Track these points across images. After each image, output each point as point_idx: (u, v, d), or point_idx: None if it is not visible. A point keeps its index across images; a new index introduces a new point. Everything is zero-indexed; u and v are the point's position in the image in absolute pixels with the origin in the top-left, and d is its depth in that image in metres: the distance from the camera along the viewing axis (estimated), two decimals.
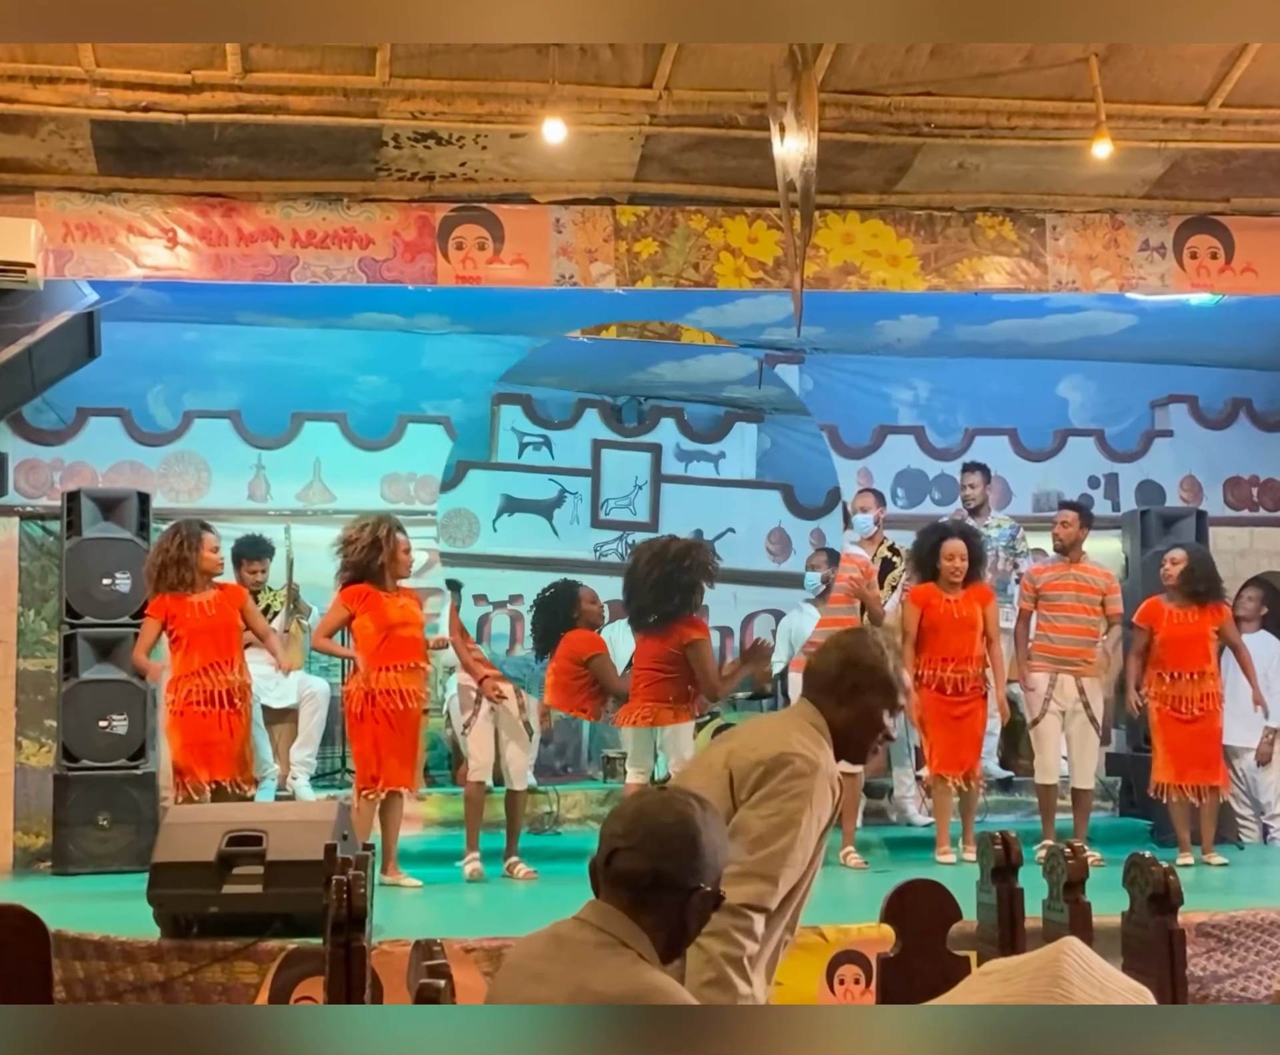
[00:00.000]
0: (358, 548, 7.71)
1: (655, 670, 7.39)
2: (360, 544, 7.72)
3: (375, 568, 7.69)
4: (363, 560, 7.70)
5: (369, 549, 7.71)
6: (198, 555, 7.82)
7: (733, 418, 11.18)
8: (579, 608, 8.38)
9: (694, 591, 7.44)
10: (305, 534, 9.78)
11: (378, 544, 7.72)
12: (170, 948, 5.94)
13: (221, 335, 10.56)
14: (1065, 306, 10.09)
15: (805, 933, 6.09)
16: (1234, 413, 11.38)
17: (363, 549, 7.70)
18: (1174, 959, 4.04)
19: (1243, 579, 10.06)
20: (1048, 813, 8.39)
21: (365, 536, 7.74)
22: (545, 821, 9.06)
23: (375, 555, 7.71)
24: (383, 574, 7.72)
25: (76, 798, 8.69)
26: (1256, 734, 9.30)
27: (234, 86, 7.68)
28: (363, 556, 7.71)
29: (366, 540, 7.73)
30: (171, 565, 7.77)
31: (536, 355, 10.15)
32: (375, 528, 7.79)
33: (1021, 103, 8.11)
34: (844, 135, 8.20)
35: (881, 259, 8.93)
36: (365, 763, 7.61)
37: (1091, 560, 8.81)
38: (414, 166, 8.42)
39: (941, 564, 8.45)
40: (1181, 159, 8.61)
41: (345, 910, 3.71)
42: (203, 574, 7.85)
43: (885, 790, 9.40)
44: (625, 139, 8.23)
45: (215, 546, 7.99)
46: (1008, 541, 9.80)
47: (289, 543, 9.61)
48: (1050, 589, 8.58)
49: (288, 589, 9.54)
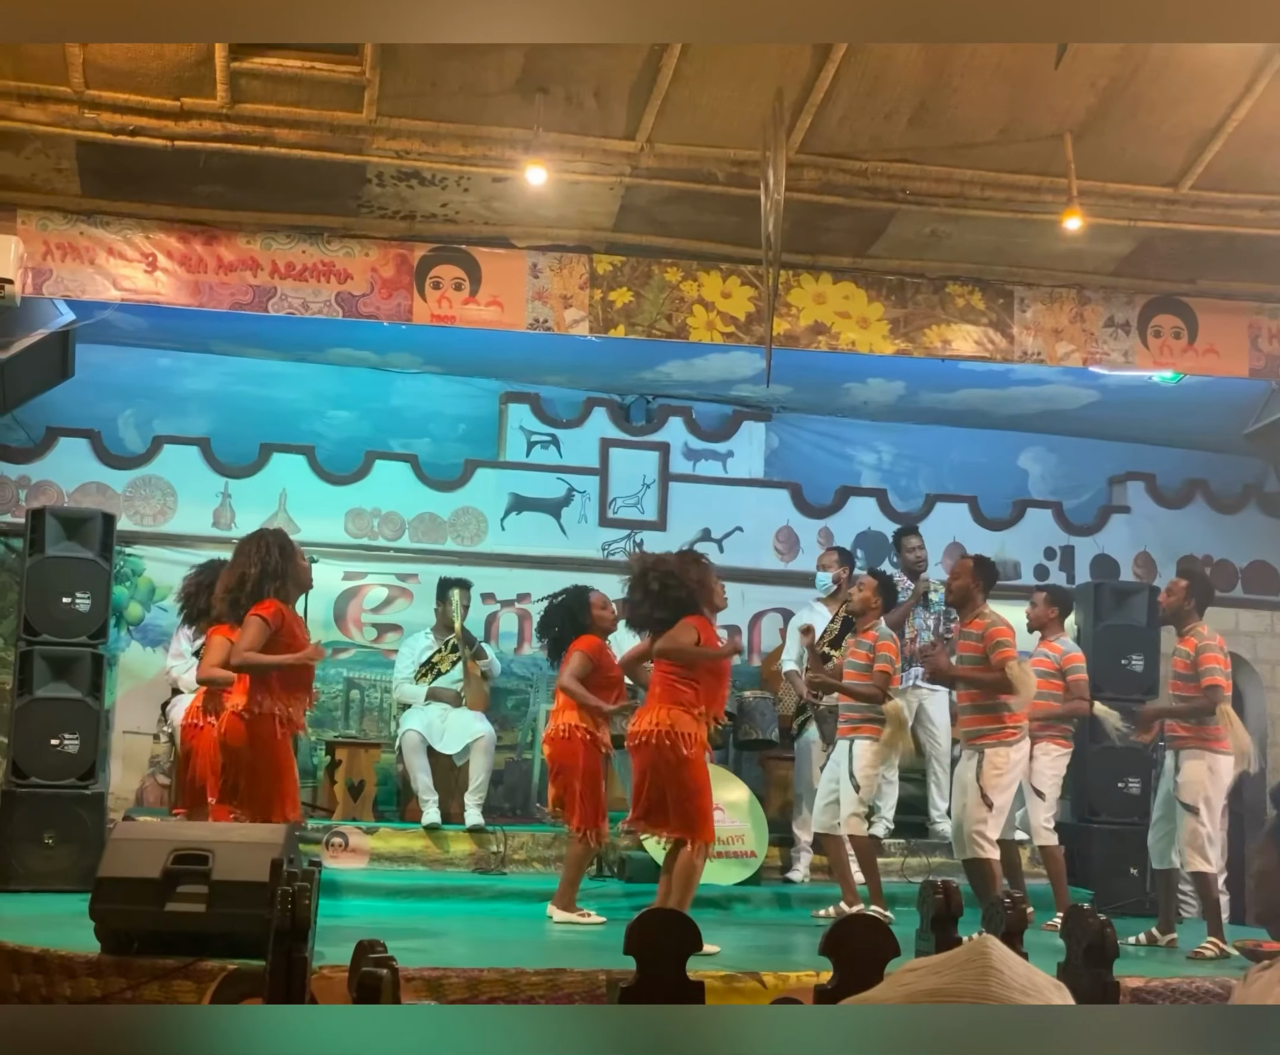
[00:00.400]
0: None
1: (666, 673, 7.42)
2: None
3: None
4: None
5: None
6: (295, 567, 7.29)
7: (741, 416, 11.30)
8: (590, 613, 8.33)
9: (699, 596, 7.54)
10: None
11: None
12: (109, 964, 5.91)
13: (194, 363, 10.62)
14: (1029, 378, 10.25)
15: (744, 978, 6.15)
16: (1191, 493, 11.57)
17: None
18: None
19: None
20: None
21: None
22: (492, 862, 9.06)
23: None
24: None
25: (23, 815, 8.65)
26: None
27: (221, 115, 7.74)
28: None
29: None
30: (272, 576, 7.13)
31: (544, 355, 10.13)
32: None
33: (996, 174, 8.25)
34: (820, 197, 8.33)
35: (852, 321, 9.05)
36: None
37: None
38: (395, 204, 8.50)
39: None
40: (1150, 238, 8.77)
41: (289, 921, 3.74)
42: (297, 588, 7.35)
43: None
44: (605, 188, 8.33)
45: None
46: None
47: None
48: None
49: (461, 634, 9.58)
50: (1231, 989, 3.92)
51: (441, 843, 9.08)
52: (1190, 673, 7.97)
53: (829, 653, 9.44)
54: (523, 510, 10.81)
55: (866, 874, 8.28)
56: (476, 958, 6.48)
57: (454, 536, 10.65)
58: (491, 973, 6.04)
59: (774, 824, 9.38)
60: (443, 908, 8.34)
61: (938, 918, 4.68)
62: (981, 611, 8.06)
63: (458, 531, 10.67)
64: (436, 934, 7.38)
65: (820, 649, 9.51)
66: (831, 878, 9.05)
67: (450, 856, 9.07)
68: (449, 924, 7.80)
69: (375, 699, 10.33)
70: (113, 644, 9.61)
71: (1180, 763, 7.96)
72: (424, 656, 9.64)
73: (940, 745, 9.75)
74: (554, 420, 11.00)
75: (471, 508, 10.71)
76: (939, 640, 9.50)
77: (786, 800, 9.73)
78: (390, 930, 6.90)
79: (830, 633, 9.57)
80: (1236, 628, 11.14)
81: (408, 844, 9.04)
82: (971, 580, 8.10)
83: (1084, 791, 9.83)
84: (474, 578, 9.99)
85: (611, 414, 11.10)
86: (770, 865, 9.33)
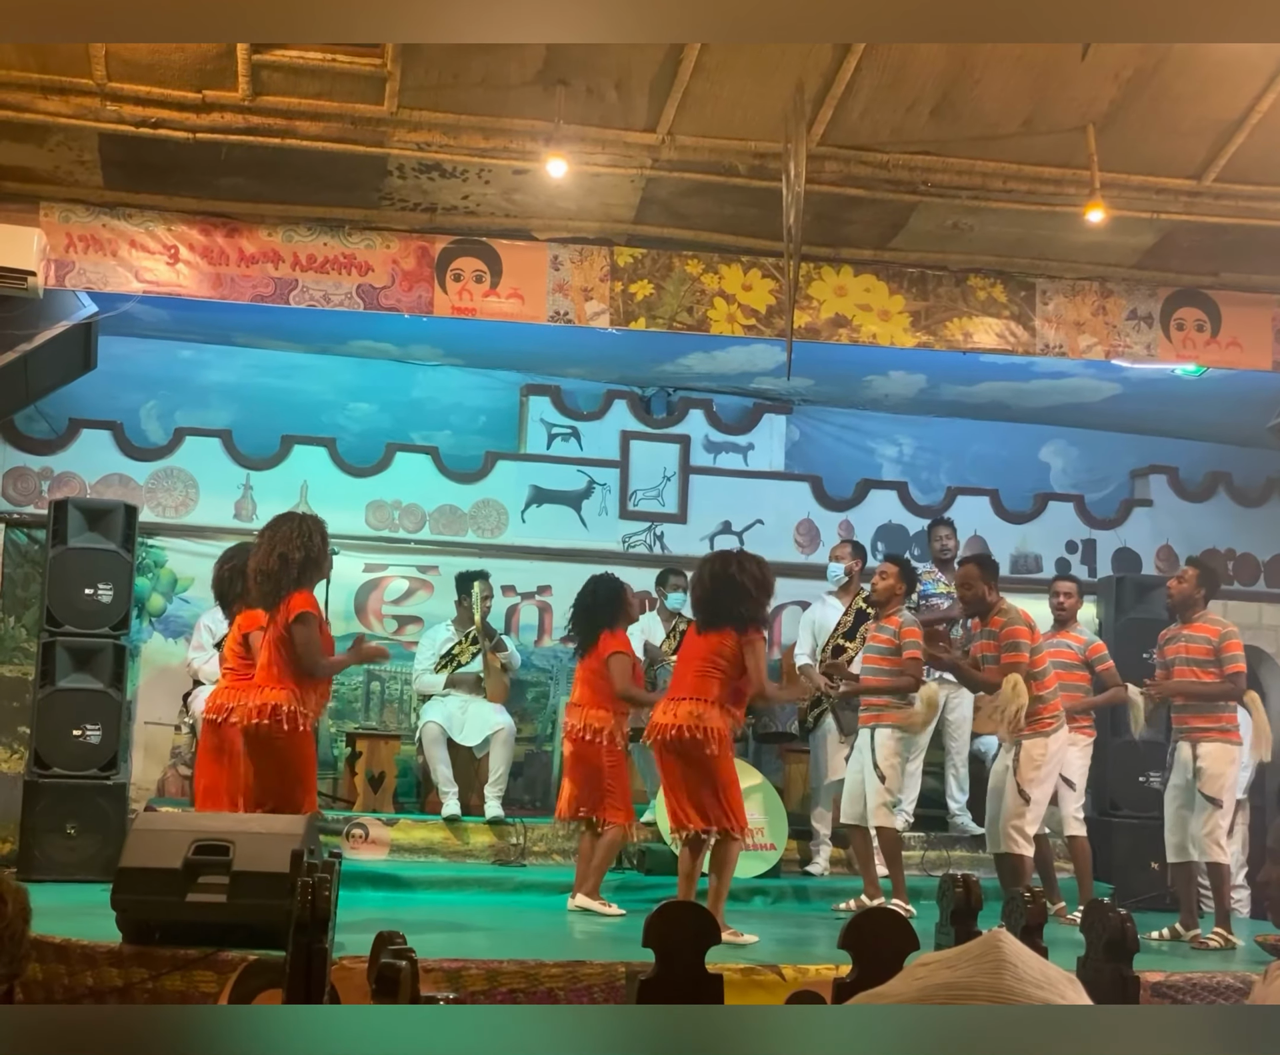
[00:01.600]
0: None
1: (708, 664, 7.39)
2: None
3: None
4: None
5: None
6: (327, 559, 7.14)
7: (761, 409, 11.28)
8: (626, 607, 8.33)
9: (765, 603, 7.54)
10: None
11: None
12: (131, 954, 5.93)
13: (216, 355, 10.65)
14: (1051, 372, 10.21)
15: (763, 971, 6.15)
16: (1213, 486, 11.52)
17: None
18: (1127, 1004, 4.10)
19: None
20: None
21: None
22: (512, 853, 9.08)
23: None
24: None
25: (45, 805, 8.69)
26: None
27: (243, 108, 7.76)
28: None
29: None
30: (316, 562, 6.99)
31: (564, 347, 10.11)
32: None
33: (1018, 166, 8.23)
34: (842, 189, 8.32)
35: (873, 313, 9.04)
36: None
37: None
38: (416, 197, 8.51)
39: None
40: (1173, 231, 8.74)
41: (309, 912, 3.75)
42: (320, 576, 7.13)
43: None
44: (626, 181, 8.33)
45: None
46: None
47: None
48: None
49: (479, 624, 9.60)
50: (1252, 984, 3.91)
51: (461, 834, 9.11)
52: (1210, 659, 7.95)
53: (843, 644, 9.43)
54: (543, 502, 10.81)
55: (891, 867, 8.25)
56: (496, 949, 6.49)
57: (474, 529, 10.66)
58: (511, 964, 6.05)
59: (793, 817, 9.37)
60: (462, 899, 8.36)
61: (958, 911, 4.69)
62: (1001, 608, 8.00)
63: (478, 524, 10.68)
64: (456, 925, 7.40)
65: (834, 641, 9.50)
66: (852, 870, 9.05)
67: (470, 848, 9.09)
68: (469, 915, 7.82)
69: (395, 691, 10.35)
70: (135, 635, 9.65)
71: (1199, 753, 7.91)
72: (444, 648, 9.66)
73: (959, 738, 9.73)
74: (575, 412, 11.00)
75: (492, 500, 10.72)
76: (943, 632, 9.40)
77: (805, 793, 9.72)
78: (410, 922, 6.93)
79: (844, 625, 9.56)
80: (1260, 621, 11.10)
81: (428, 835, 9.07)
82: (979, 581, 8.02)
83: (1105, 786, 9.81)
84: (494, 570, 10.00)
85: (632, 406, 11.10)
86: (789, 858, 9.32)
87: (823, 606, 9.81)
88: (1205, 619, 8.09)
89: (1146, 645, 9.89)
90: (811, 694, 9.21)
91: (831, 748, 9.38)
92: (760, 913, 8.46)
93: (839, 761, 9.22)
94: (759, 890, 8.88)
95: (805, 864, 9.44)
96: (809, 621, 9.79)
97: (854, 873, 9.04)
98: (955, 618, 9.37)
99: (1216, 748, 7.89)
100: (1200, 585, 8.14)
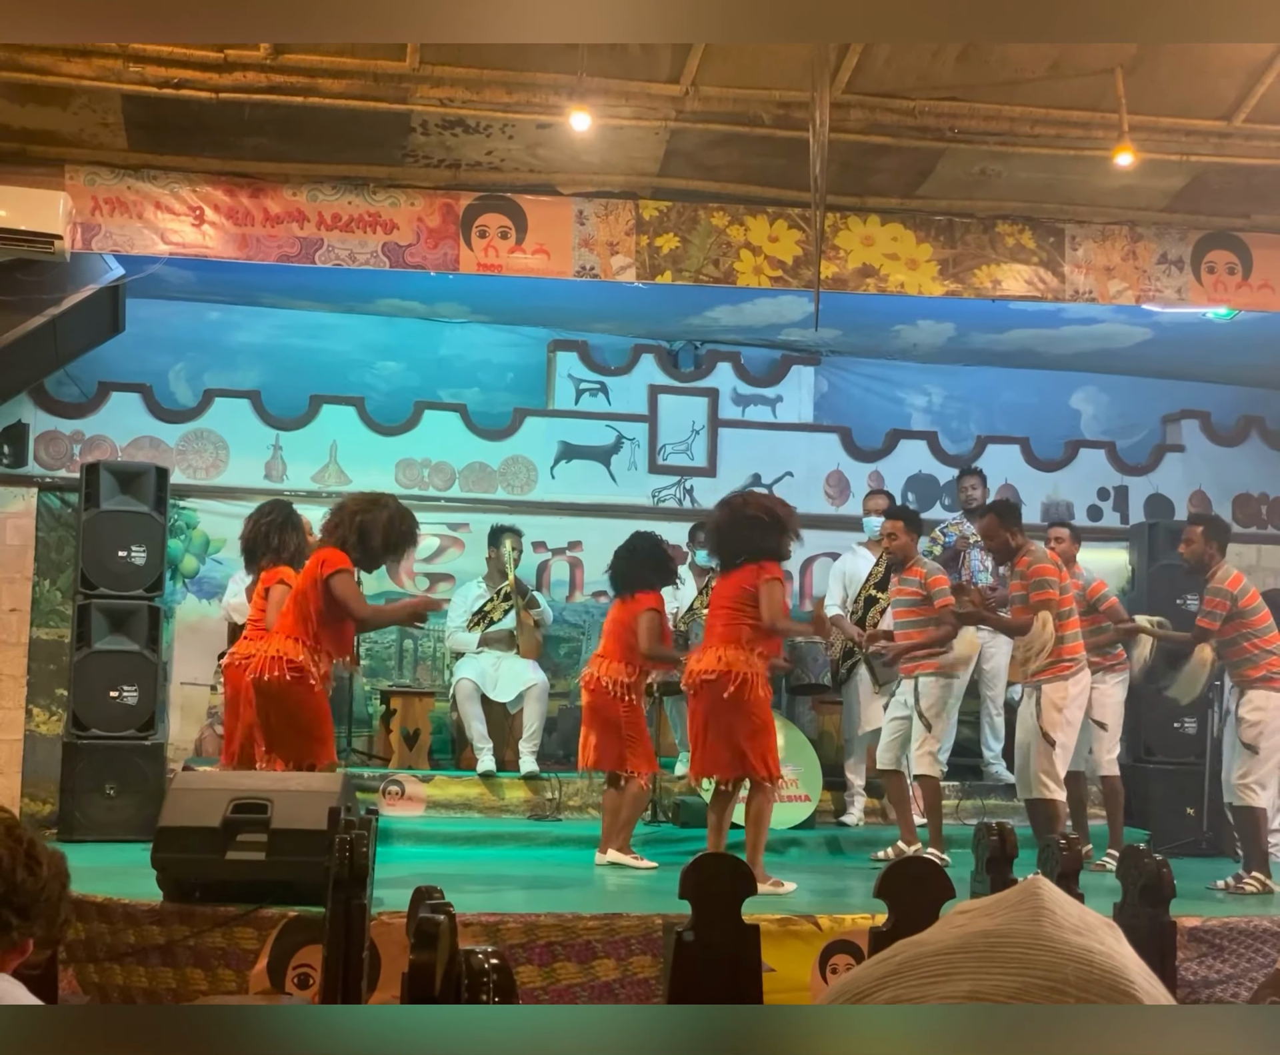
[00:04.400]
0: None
1: (733, 607, 7.45)
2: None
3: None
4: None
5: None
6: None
7: (790, 361, 11.24)
8: (669, 565, 8.38)
9: (779, 535, 7.57)
10: (319, 516, 9.86)
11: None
12: (172, 912, 6.01)
13: (244, 316, 10.66)
14: (1081, 318, 10.13)
15: (799, 922, 6.17)
16: (1246, 430, 11.44)
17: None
18: (1164, 951, 4.10)
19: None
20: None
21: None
22: (547, 808, 9.13)
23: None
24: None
25: (84, 766, 8.79)
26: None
27: (265, 66, 7.74)
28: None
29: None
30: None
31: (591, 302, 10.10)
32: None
33: (1045, 111, 8.15)
34: (868, 137, 8.25)
35: (900, 262, 8.98)
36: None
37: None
38: (440, 153, 8.49)
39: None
40: (1203, 173, 8.64)
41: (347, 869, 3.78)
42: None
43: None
44: (650, 133, 8.29)
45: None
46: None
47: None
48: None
49: (514, 583, 9.65)
50: None
51: (497, 790, 9.16)
52: (1230, 612, 7.96)
53: (875, 595, 9.42)
54: (572, 458, 10.81)
55: (929, 815, 8.26)
56: (533, 903, 6.54)
57: (504, 485, 10.67)
58: (548, 917, 6.10)
59: (827, 768, 9.39)
60: (499, 854, 8.42)
61: (993, 859, 4.69)
62: (1027, 549, 7.96)
63: (508, 480, 10.69)
64: (493, 880, 7.45)
65: (866, 592, 9.49)
66: (887, 820, 9.07)
67: (505, 803, 9.14)
68: (505, 870, 7.88)
69: (429, 648, 10.39)
70: (168, 596, 9.71)
71: (1243, 700, 7.91)
72: (476, 605, 9.69)
73: (995, 687, 9.72)
74: (602, 367, 10.98)
75: (521, 456, 10.72)
76: (980, 586, 9.34)
77: (839, 745, 9.73)
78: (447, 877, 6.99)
79: (875, 576, 9.55)
80: None
81: (463, 791, 9.12)
82: (1000, 530, 8.00)
83: (1140, 731, 9.79)
84: (524, 526, 10.03)
85: (660, 360, 11.07)
86: (824, 809, 9.35)
87: (853, 557, 9.80)
88: (1225, 573, 8.08)
89: (1180, 591, 9.88)
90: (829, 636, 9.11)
91: (865, 698, 9.38)
92: (795, 864, 8.48)
93: (872, 712, 9.23)
94: (794, 841, 8.91)
95: (840, 815, 9.46)
96: (839, 572, 9.78)
97: (889, 822, 9.05)
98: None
99: (1259, 695, 7.88)
100: (1209, 539, 8.14)
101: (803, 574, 10.82)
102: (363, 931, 3.92)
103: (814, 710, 10.08)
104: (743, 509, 7.55)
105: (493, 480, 10.66)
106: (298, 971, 5.81)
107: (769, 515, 7.50)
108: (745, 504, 7.61)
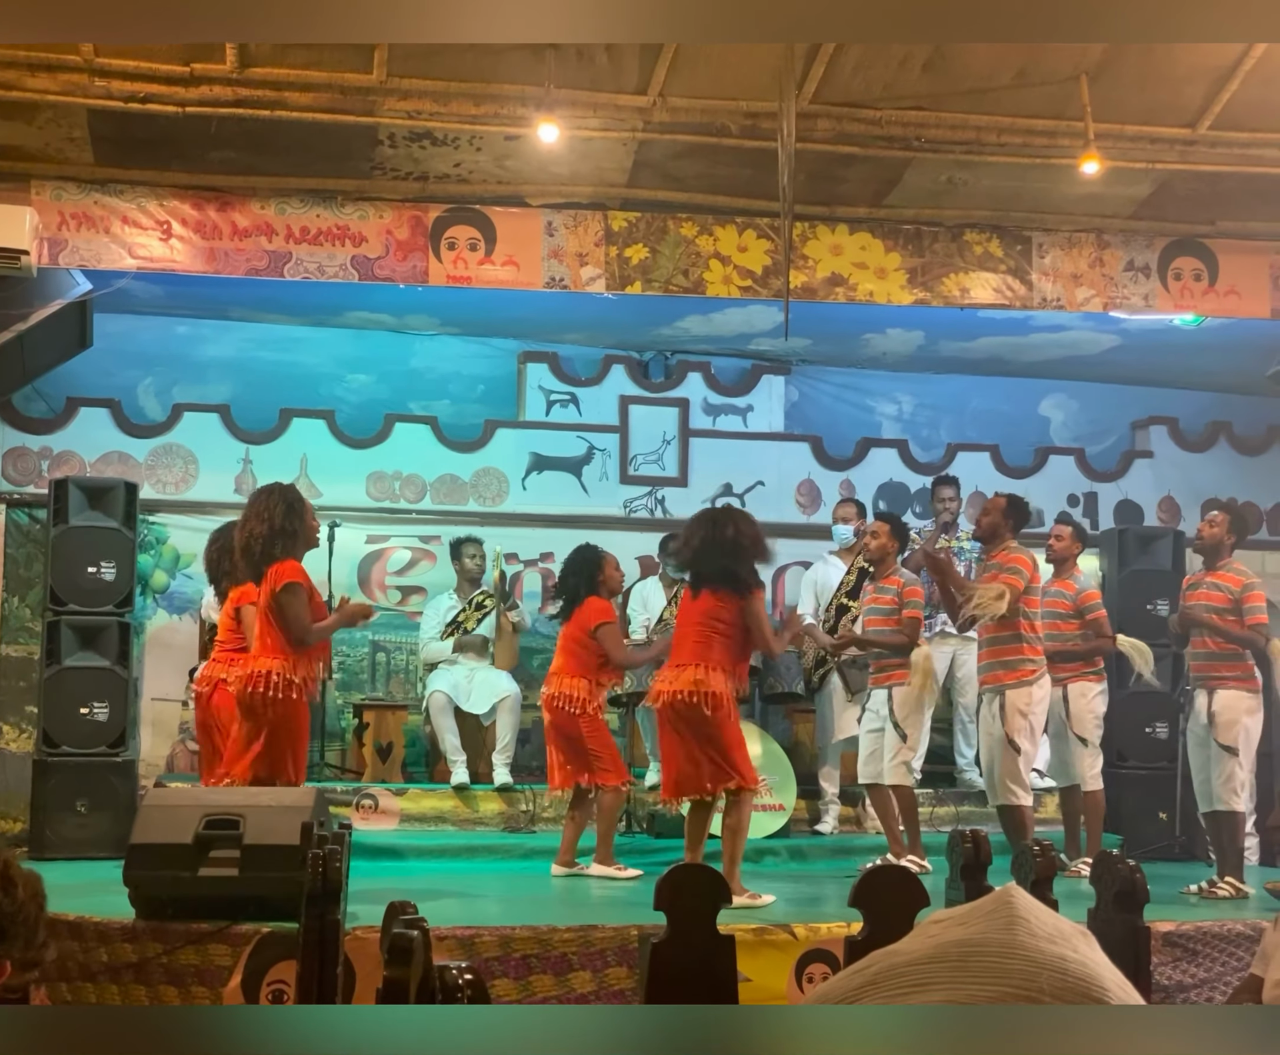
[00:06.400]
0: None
1: (707, 627, 7.30)
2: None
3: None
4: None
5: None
6: (306, 526, 6.95)
7: (760, 370, 11.28)
8: (603, 573, 8.30)
9: (758, 560, 7.50)
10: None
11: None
12: (145, 929, 5.95)
13: (213, 330, 10.63)
14: (1049, 325, 10.19)
15: (775, 931, 6.16)
16: (1214, 436, 11.52)
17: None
18: (1139, 956, 4.12)
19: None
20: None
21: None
22: (521, 820, 9.12)
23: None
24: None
25: (55, 784, 8.72)
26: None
27: (232, 80, 7.72)
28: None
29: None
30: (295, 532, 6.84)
31: (561, 313, 10.10)
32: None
33: (1011, 119, 8.19)
34: (835, 147, 8.28)
35: (869, 271, 9.01)
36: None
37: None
38: (408, 166, 8.48)
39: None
40: (1168, 180, 8.70)
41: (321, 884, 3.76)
42: (306, 547, 7.01)
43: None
44: (619, 144, 8.29)
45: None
46: (978, 555, 9.87)
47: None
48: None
49: (498, 585, 9.62)
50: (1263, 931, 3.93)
51: (470, 802, 9.14)
52: (1229, 607, 7.88)
53: (846, 604, 9.43)
54: (543, 469, 10.81)
55: (907, 824, 8.26)
56: (508, 915, 6.51)
57: (475, 497, 10.66)
58: (524, 930, 6.07)
59: (801, 776, 9.39)
60: (473, 867, 8.39)
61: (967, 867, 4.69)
62: (1008, 545, 7.99)
63: (479, 492, 10.68)
64: (468, 893, 7.42)
65: (837, 600, 9.50)
66: (862, 828, 9.08)
67: (479, 816, 9.12)
68: (480, 883, 7.85)
69: (401, 661, 10.37)
70: (139, 612, 9.66)
71: (1214, 701, 7.88)
72: (448, 616, 9.67)
73: (967, 693, 9.74)
74: (573, 378, 10.99)
75: (492, 468, 10.72)
76: (934, 546, 9.34)
77: (813, 753, 9.74)
78: (421, 891, 6.97)
79: (846, 584, 9.57)
80: (1263, 569, 11.08)
81: (437, 804, 9.10)
82: (1001, 517, 8.04)
83: (1112, 737, 9.80)
84: (496, 538, 10.02)
85: (630, 371, 11.08)
86: (798, 818, 9.35)
87: (824, 566, 9.82)
88: (1230, 568, 8.00)
89: (1149, 597, 9.91)
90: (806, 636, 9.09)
91: (838, 707, 9.39)
92: (770, 873, 8.48)
93: (845, 721, 9.24)
94: (769, 850, 8.90)
95: (814, 823, 9.46)
96: (810, 581, 9.80)
97: (863, 831, 9.07)
98: (931, 544, 9.23)
99: (1231, 695, 7.82)
100: (1231, 531, 8.06)
101: (774, 583, 10.84)
102: (337, 947, 3.90)
103: (788, 719, 10.09)
104: (728, 534, 7.36)
105: (464, 492, 10.65)
106: (272, 988, 5.78)
107: (753, 543, 7.37)
108: (733, 529, 7.33)
